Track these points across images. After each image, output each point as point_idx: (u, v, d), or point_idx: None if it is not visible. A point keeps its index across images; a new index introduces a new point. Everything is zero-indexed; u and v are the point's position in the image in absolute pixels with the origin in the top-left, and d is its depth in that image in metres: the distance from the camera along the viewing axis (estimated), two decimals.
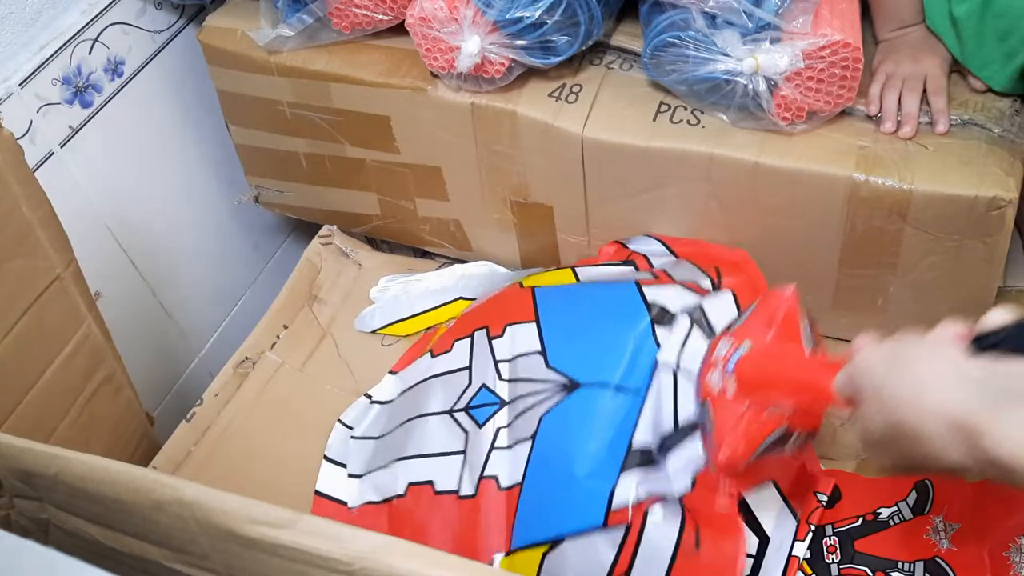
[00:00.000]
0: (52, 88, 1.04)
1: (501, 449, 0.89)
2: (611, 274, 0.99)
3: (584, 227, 1.06)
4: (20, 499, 0.72)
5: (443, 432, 0.93)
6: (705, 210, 0.98)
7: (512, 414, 0.90)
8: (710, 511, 0.81)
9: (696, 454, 0.81)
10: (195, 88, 1.22)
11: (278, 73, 1.09)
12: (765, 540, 0.86)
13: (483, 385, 0.94)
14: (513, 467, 0.88)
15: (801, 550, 0.88)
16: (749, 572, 0.85)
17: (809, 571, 0.88)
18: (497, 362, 0.94)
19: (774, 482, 0.87)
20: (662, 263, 0.99)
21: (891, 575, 0.87)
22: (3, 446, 0.67)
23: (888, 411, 0.57)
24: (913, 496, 0.90)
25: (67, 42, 1.05)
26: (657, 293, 0.91)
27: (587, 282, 0.99)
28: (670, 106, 0.97)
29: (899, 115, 0.92)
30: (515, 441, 0.89)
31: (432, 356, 1.02)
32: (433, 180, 1.12)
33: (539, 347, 0.92)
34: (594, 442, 0.84)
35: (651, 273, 0.97)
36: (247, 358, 1.12)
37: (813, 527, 0.89)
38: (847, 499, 0.92)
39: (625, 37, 1.02)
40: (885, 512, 0.90)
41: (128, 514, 0.63)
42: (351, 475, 0.99)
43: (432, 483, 0.91)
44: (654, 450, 0.83)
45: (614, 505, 0.81)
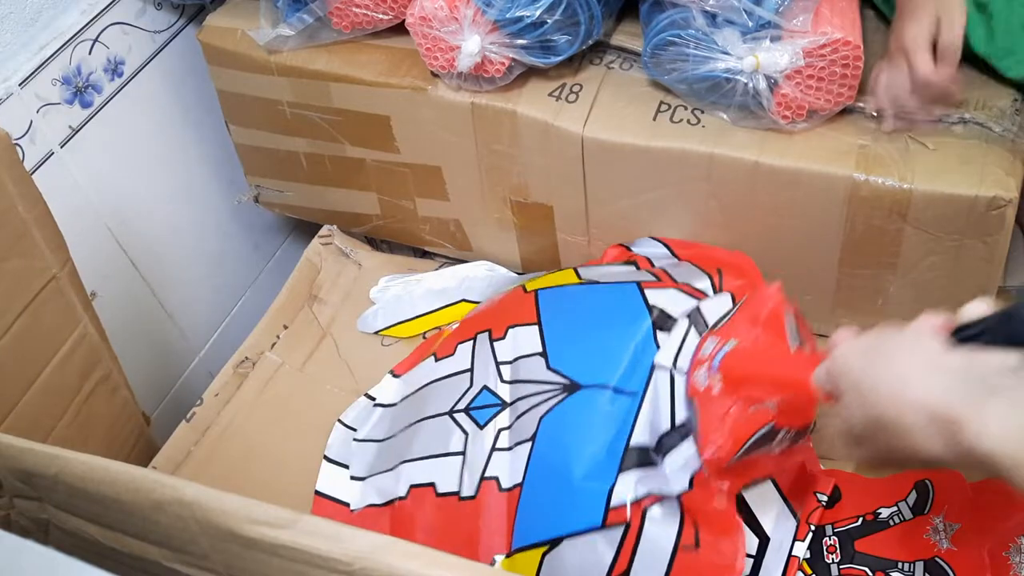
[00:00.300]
0: (52, 88, 1.04)
1: (502, 450, 0.89)
2: (613, 274, 0.99)
3: (584, 227, 1.06)
4: (20, 499, 0.72)
5: (443, 433, 0.93)
6: (705, 209, 0.98)
7: (513, 415, 0.90)
8: (709, 510, 0.81)
9: (694, 454, 0.81)
10: (195, 88, 1.22)
11: (278, 73, 1.09)
12: (765, 540, 0.86)
13: (484, 387, 0.94)
14: (513, 468, 0.88)
15: (801, 550, 0.88)
16: (749, 572, 0.85)
17: (809, 571, 0.88)
18: (499, 364, 0.94)
19: (774, 482, 0.87)
20: (664, 264, 0.99)
21: (891, 575, 0.87)
22: (3, 446, 0.67)
23: (868, 405, 0.57)
24: (913, 496, 0.90)
25: (67, 42, 1.05)
26: (659, 296, 0.91)
27: (589, 282, 0.98)
28: (670, 105, 0.97)
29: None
30: (516, 442, 0.89)
31: (435, 360, 1.02)
32: (433, 180, 1.12)
33: (540, 348, 0.92)
34: (592, 444, 0.84)
35: (653, 274, 0.97)
36: (247, 358, 1.12)
37: (813, 527, 0.89)
38: (847, 499, 0.92)
39: (625, 36, 1.02)
40: (885, 512, 0.90)
41: (128, 514, 0.63)
42: (354, 477, 0.99)
43: (434, 485, 0.91)
44: (652, 450, 0.83)
45: (612, 503, 0.81)
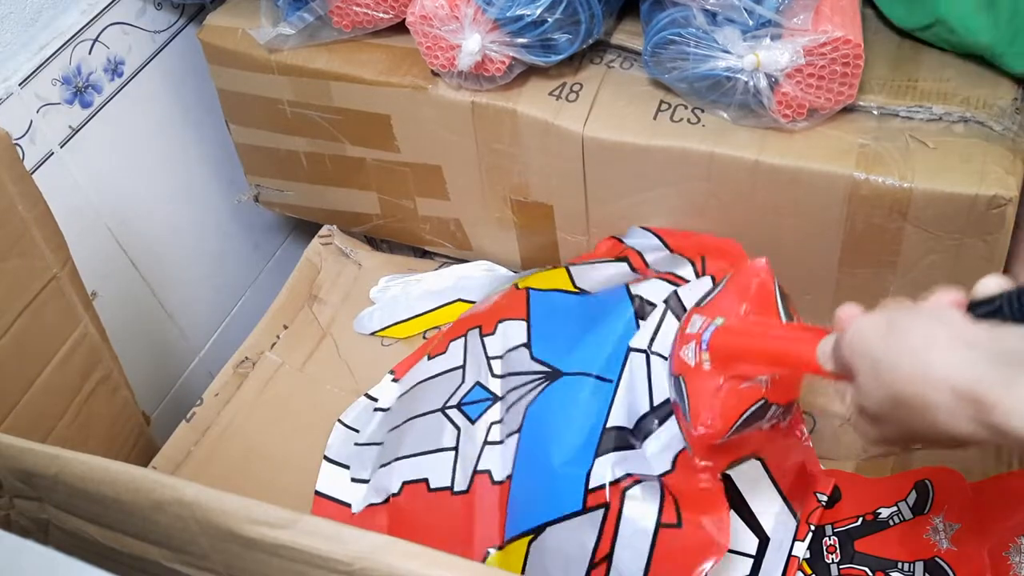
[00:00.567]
0: (52, 88, 1.04)
1: (494, 444, 0.89)
2: (605, 277, 0.99)
3: (584, 226, 1.06)
4: (20, 499, 0.72)
5: (435, 429, 0.94)
6: (705, 208, 0.98)
7: (504, 408, 0.91)
8: (692, 489, 0.79)
9: (675, 435, 0.80)
10: (195, 88, 1.22)
11: (278, 72, 1.09)
12: (765, 540, 0.86)
13: (476, 382, 0.94)
14: (504, 461, 0.88)
15: (801, 550, 0.88)
16: (749, 572, 0.85)
17: (809, 571, 0.88)
18: (489, 359, 0.94)
19: (774, 482, 0.87)
20: (656, 259, 0.99)
21: (891, 575, 0.86)
22: (3, 446, 0.67)
23: (887, 383, 0.54)
24: (913, 496, 0.90)
25: (67, 42, 1.04)
26: (641, 286, 0.92)
27: (583, 292, 0.98)
28: (670, 105, 0.97)
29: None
30: (506, 435, 0.89)
31: (429, 359, 1.02)
32: (433, 179, 1.12)
33: (525, 340, 0.93)
34: (571, 429, 0.84)
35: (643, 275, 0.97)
36: (247, 358, 1.12)
37: (813, 527, 0.89)
38: (847, 499, 0.92)
39: (625, 35, 1.02)
40: (885, 512, 0.90)
41: (128, 514, 0.63)
42: (355, 479, 0.99)
43: (426, 480, 0.91)
44: (630, 432, 0.83)
45: (591, 486, 0.81)
